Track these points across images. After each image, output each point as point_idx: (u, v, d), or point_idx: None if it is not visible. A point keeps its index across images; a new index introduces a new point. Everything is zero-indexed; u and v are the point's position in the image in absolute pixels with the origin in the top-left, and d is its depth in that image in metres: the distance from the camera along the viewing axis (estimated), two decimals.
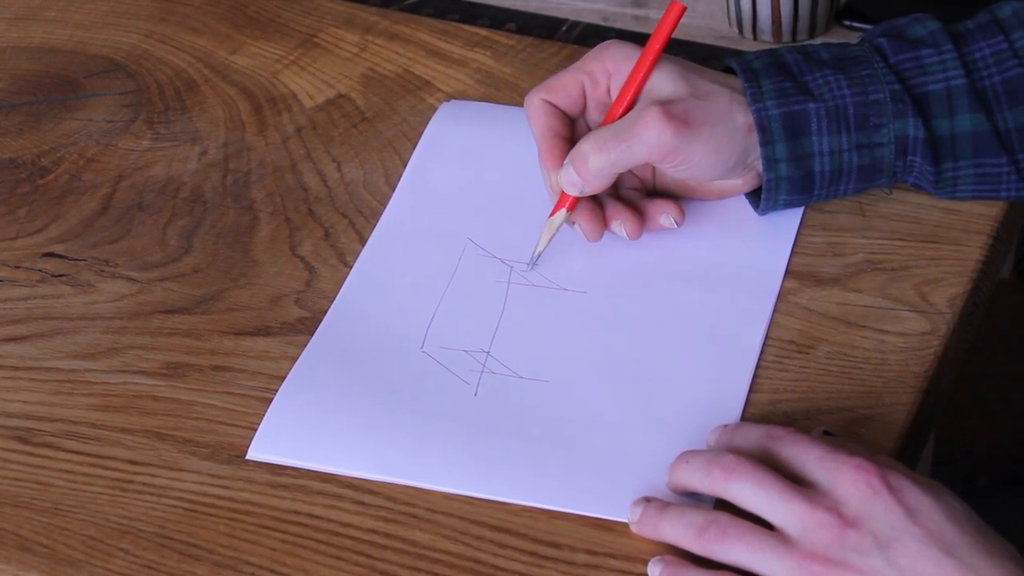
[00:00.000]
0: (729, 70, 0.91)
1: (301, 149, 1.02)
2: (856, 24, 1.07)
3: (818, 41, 1.06)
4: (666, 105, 0.86)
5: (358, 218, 0.97)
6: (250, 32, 1.12)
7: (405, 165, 1.00)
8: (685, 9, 0.88)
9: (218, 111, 1.06)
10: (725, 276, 0.90)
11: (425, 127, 1.02)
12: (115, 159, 1.03)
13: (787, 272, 0.91)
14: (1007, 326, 1.77)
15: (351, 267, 0.94)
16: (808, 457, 0.76)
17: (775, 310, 0.89)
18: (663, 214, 0.91)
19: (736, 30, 1.08)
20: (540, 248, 0.91)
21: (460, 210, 0.96)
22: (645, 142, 0.86)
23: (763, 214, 0.92)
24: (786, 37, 1.06)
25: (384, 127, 1.03)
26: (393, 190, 0.98)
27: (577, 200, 0.90)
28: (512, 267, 0.92)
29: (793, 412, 0.84)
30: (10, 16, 1.16)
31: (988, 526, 0.74)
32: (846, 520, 0.73)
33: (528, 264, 0.92)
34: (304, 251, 0.95)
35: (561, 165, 0.89)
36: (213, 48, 1.11)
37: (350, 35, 1.11)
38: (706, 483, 0.77)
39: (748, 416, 0.84)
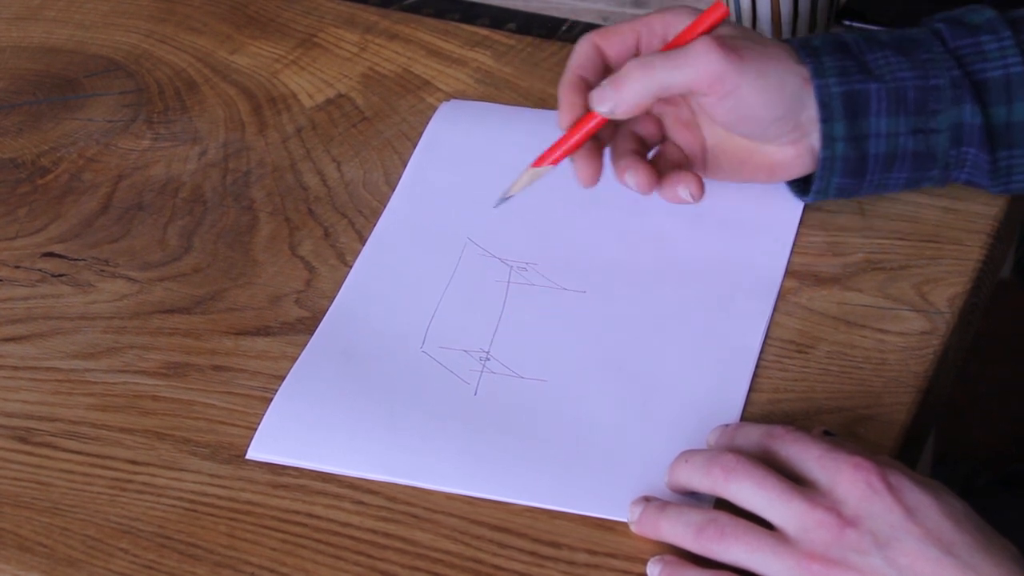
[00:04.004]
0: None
1: (301, 149, 1.02)
2: (856, 24, 1.07)
3: None
4: (722, 37, 0.85)
5: (358, 218, 0.97)
6: (250, 32, 1.12)
7: (405, 165, 1.00)
8: (727, 12, 0.86)
9: (218, 111, 1.06)
10: (725, 276, 0.90)
11: (425, 127, 1.02)
12: (115, 159, 1.03)
13: (787, 271, 0.91)
14: (1007, 326, 1.77)
15: (351, 267, 0.94)
16: (808, 456, 0.76)
17: (775, 310, 0.89)
18: (682, 184, 0.88)
19: None
20: (514, 191, 0.89)
21: (460, 210, 0.96)
22: (693, 64, 0.84)
23: (812, 200, 0.90)
24: (786, 36, 1.06)
25: (384, 127, 1.03)
26: (393, 190, 0.98)
27: (563, 157, 0.88)
28: (512, 267, 0.92)
29: (793, 412, 0.84)
30: (10, 16, 1.16)
31: (987, 525, 0.74)
32: (845, 519, 0.73)
33: (494, 204, 0.90)
34: (304, 251, 0.95)
35: (577, 101, 0.87)
36: (213, 48, 1.11)
37: (350, 35, 1.11)
38: (706, 482, 0.77)
39: (748, 416, 0.84)
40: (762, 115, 0.86)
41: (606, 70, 0.89)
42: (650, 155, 0.91)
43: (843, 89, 0.86)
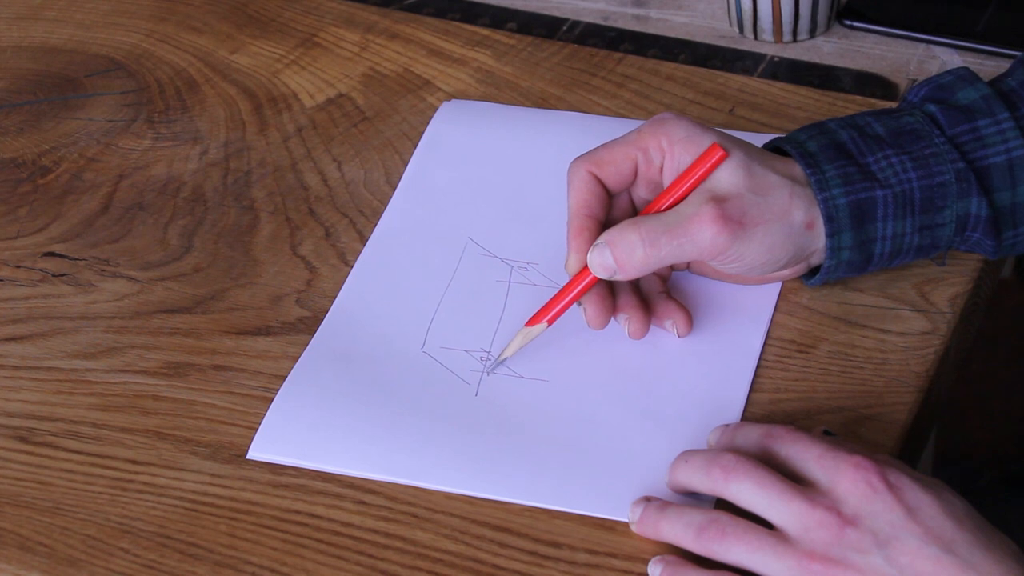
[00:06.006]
0: (777, 148, 0.87)
1: (302, 148, 1.02)
2: (856, 24, 1.07)
3: (821, 41, 1.07)
4: (722, 203, 0.82)
5: (359, 217, 0.97)
6: (251, 31, 1.12)
7: (406, 164, 1.00)
8: (725, 156, 0.83)
9: (219, 110, 1.06)
10: None
11: (426, 126, 1.02)
12: (116, 158, 1.03)
13: None
14: (1007, 326, 1.77)
15: (352, 267, 0.94)
16: (808, 456, 0.76)
17: (776, 309, 0.89)
18: (670, 320, 0.87)
19: (737, 29, 1.08)
20: (507, 354, 0.87)
21: (461, 210, 0.96)
22: (697, 243, 0.82)
23: (812, 286, 0.89)
24: (787, 37, 1.06)
25: (385, 126, 1.03)
26: (394, 189, 0.98)
27: (558, 316, 0.86)
28: (512, 267, 0.92)
29: (794, 411, 0.84)
30: (11, 15, 1.16)
31: (988, 523, 0.74)
32: (845, 519, 0.73)
33: (488, 367, 0.87)
34: (305, 251, 0.95)
35: (587, 247, 0.85)
36: (214, 47, 1.11)
37: (350, 34, 1.11)
38: (706, 482, 0.77)
39: (749, 415, 0.84)
40: (764, 269, 0.85)
41: (609, 198, 0.86)
42: None
43: (848, 199, 0.83)
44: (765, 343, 0.87)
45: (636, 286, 0.88)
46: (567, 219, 0.86)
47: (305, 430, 0.85)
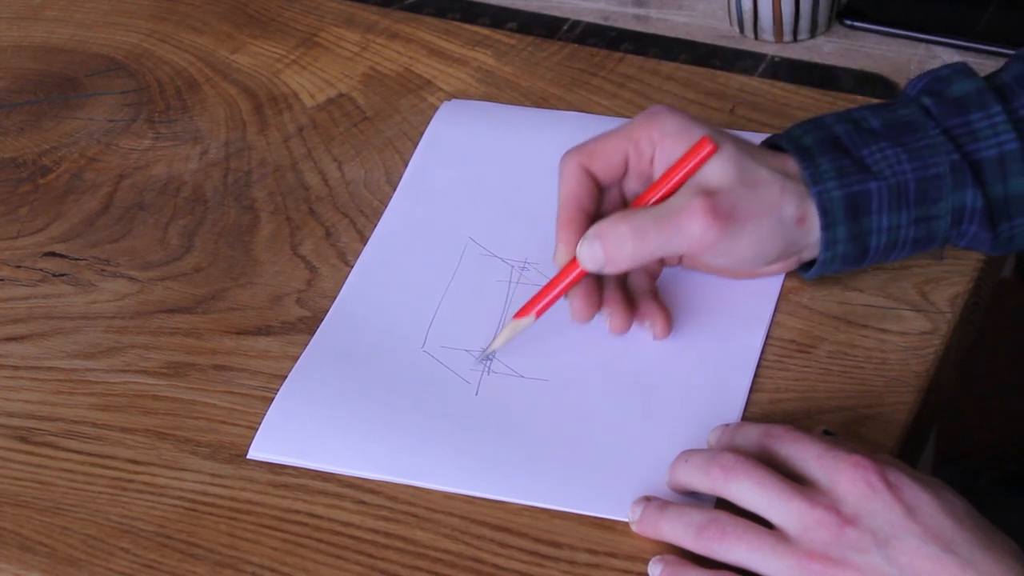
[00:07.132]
0: (774, 146, 0.87)
1: (302, 148, 1.02)
2: (857, 23, 1.07)
3: (821, 41, 1.07)
4: (712, 196, 0.82)
5: (359, 217, 0.97)
6: (251, 31, 1.12)
7: (406, 164, 1.00)
8: (715, 149, 0.83)
9: (219, 110, 1.06)
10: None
11: (426, 126, 1.02)
12: (116, 158, 1.03)
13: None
14: (1008, 326, 1.77)
15: (352, 266, 0.94)
16: (807, 455, 0.76)
17: (776, 309, 0.89)
18: (649, 321, 0.87)
19: (737, 29, 1.08)
20: (495, 346, 0.87)
21: (461, 209, 0.96)
22: (686, 236, 0.82)
23: (809, 279, 0.88)
24: (787, 37, 1.06)
25: (385, 126, 1.03)
26: (394, 189, 0.98)
27: (546, 309, 0.86)
28: (513, 267, 0.92)
29: (794, 411, 0.84)
30: (11, 15, 1.16)
31: (988, 522, 0.74)
32: (845, 518, 0.73)
33: (478, 358, 0.88)
34: (305, 250, 0.95)
35: (575, 240, 0.84)
36: (214, 47, 1.11)
37: (351, 34, 1.11)
38: (705, 482, 0.77)
39: (749, 415, 0.84)
40: (753, 263, 0.85)
41: (599, 191, 0.86)
42: None
43: (843, 192, 0.83)
44: (765, 343, 0.87)
45: (623, 282, 0.88)
46: (556, 213, 0.86)
47: (305, 430, 0.85)
